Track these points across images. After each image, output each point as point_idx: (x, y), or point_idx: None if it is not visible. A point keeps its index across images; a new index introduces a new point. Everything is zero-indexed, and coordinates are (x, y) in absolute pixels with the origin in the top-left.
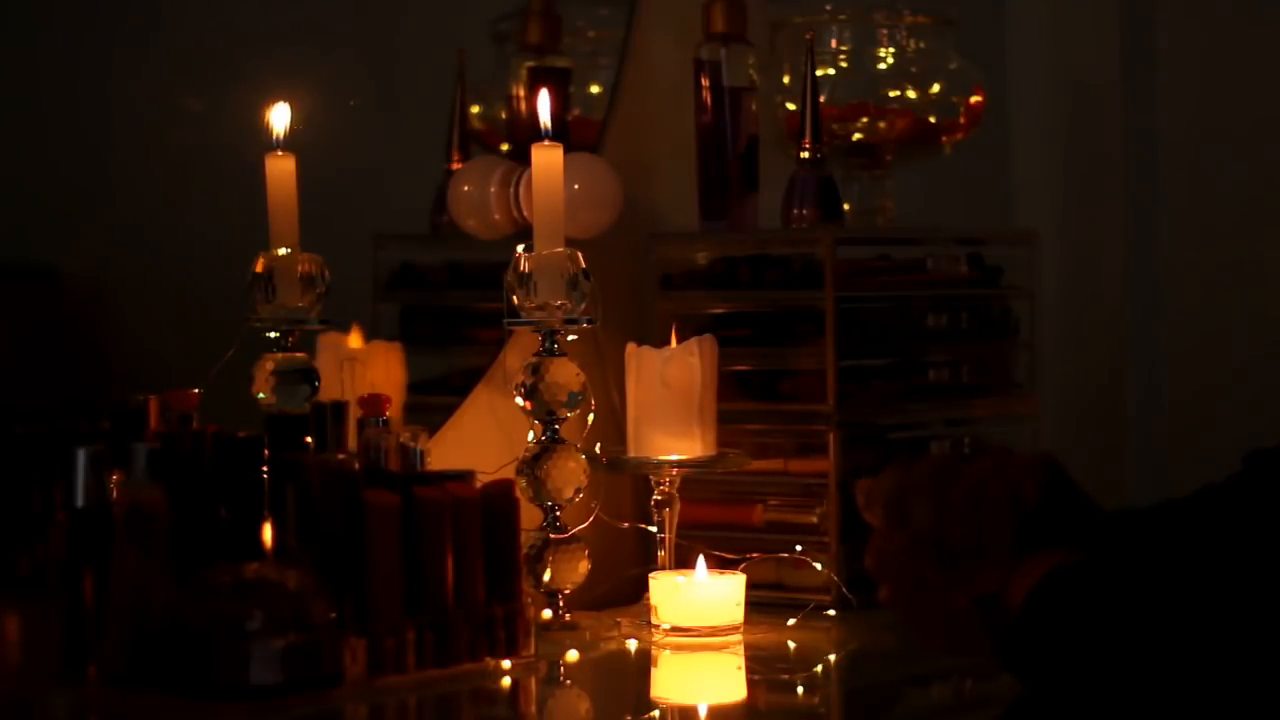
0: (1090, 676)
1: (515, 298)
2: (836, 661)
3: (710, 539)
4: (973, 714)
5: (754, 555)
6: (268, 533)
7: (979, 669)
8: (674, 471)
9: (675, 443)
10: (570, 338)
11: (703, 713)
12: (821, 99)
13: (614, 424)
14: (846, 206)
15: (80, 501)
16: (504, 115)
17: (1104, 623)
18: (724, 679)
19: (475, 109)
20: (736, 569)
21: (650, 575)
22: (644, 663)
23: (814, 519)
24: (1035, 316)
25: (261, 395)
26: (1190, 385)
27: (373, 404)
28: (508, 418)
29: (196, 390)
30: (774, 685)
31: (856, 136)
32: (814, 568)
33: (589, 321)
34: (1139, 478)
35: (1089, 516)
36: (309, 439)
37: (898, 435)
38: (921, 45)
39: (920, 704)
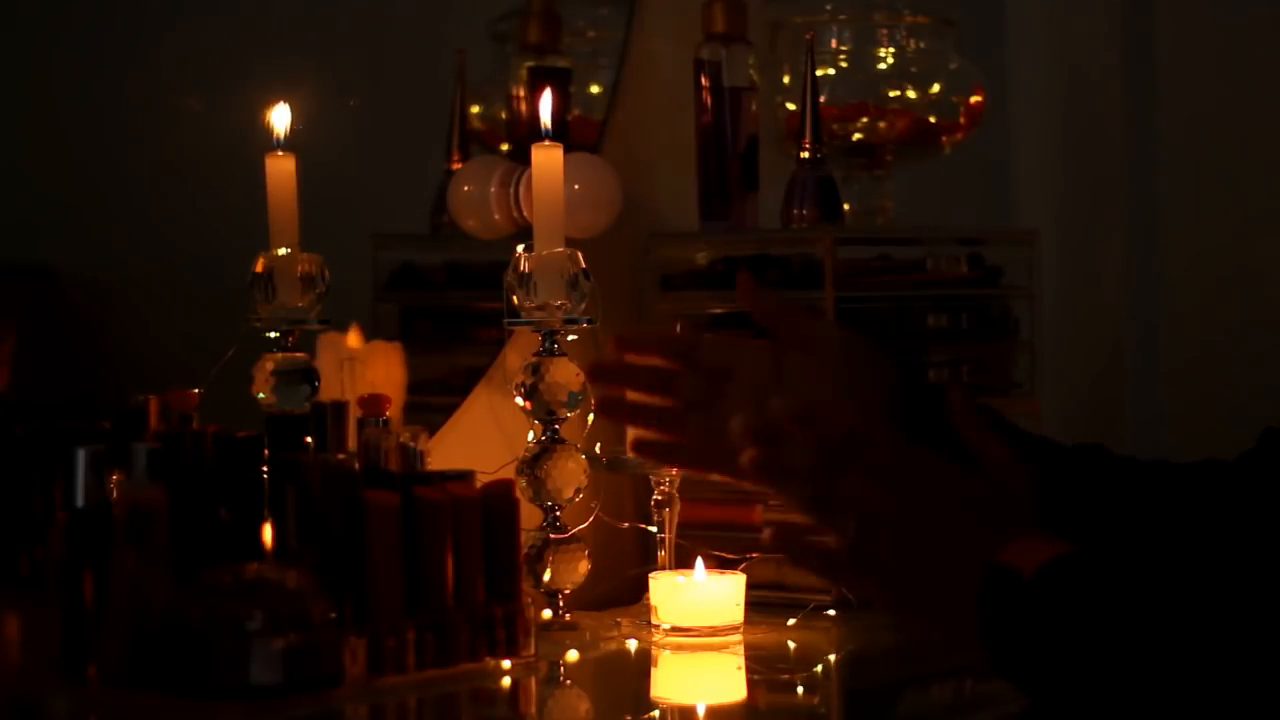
0: (1100, 674)
1: (515, 298)
2: (836, 661)
3: (710, 539)
4: (973, 714)
5: (754, 555)
6: (268, 533)
7: (979, 669)
8: (674, 471)
9: None
10: (570, 338)
11: (702, 713)
12: (821, 99)
13: (614, 424)
14: (846, 206)
15: (80, 501)
16: (504, 115)
17: (1116, 617)
18: (724, 679)
19: (475, 109)
20: (736, 569)
21: (650, 575)
22: (644, 663)
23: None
24: (1035, 316)
25: (261, 395)
26: (1190, 385)
27: (373, 404)
28: (508, 418)
29: (196, 390)
30: (774, 685)
31: (856, 136)
32: None
33: (589, 321)
34: None
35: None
36: (309, 439)
37: None
38: (921, 45)
39: (920, 704)
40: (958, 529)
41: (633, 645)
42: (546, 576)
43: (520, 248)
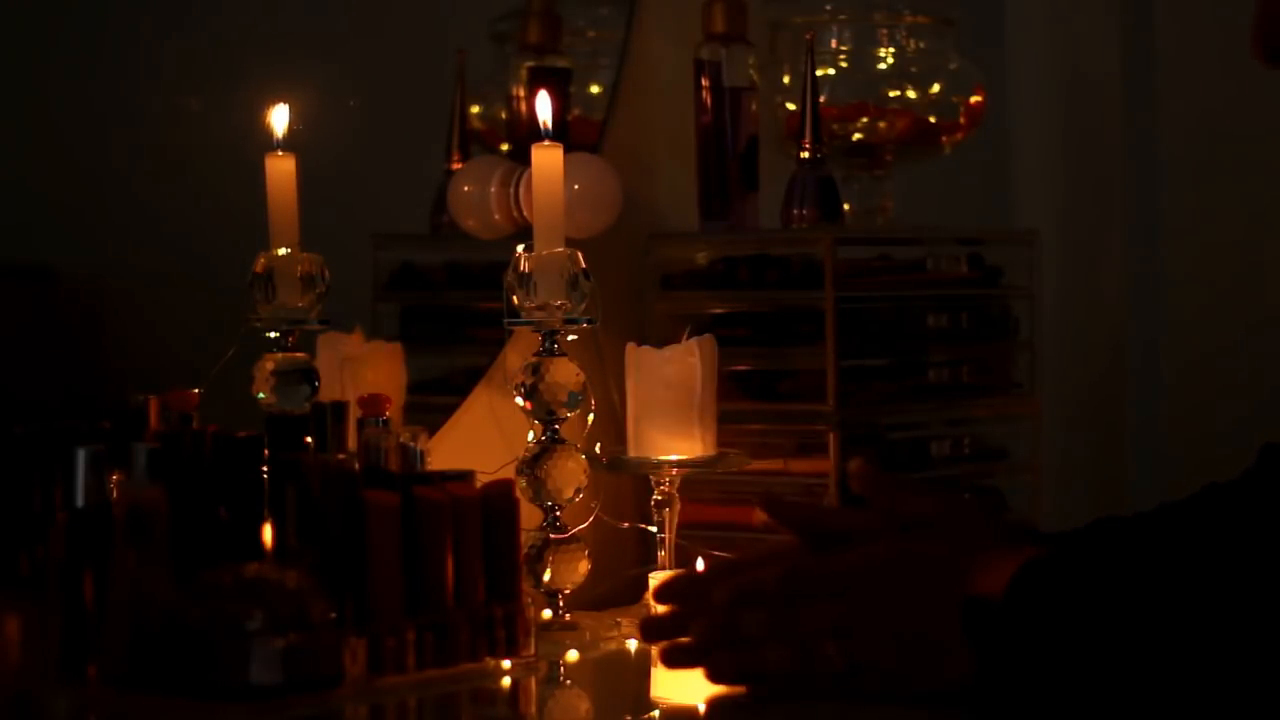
0: (1081, 671)
1: (515, 298)
2: None
3: (710, 539)
4: (972, 714)
5: None
6: (268, 533)
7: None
8: (674, 471)
9: (675, 443)
10: (570, 338)
11: (703, 713)
12: (821, 99)
13: (614, 424)
14: (846, 206)
15: (80, 501)
16: (504, 115)
17: (1098, 615)
18: None
19: (475, 109)
20: None
21: (650, 575)
22: (644, 663)
23: None
24: (1035, 316)
25: (261, 395)
26: (1190, 385)
27: (373, 404)
28: (508, 418)
29: (196, 390)
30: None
31: (856, 136)
32: None
33: (589, 321)
34: (1139, 477)
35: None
36: (309, 439)
37: (898, 435)
38: (921, 45)
39: (920, 703)
40: (925, 590)
41: (633, 645)
42: (546, 576)
43: (520, 248)
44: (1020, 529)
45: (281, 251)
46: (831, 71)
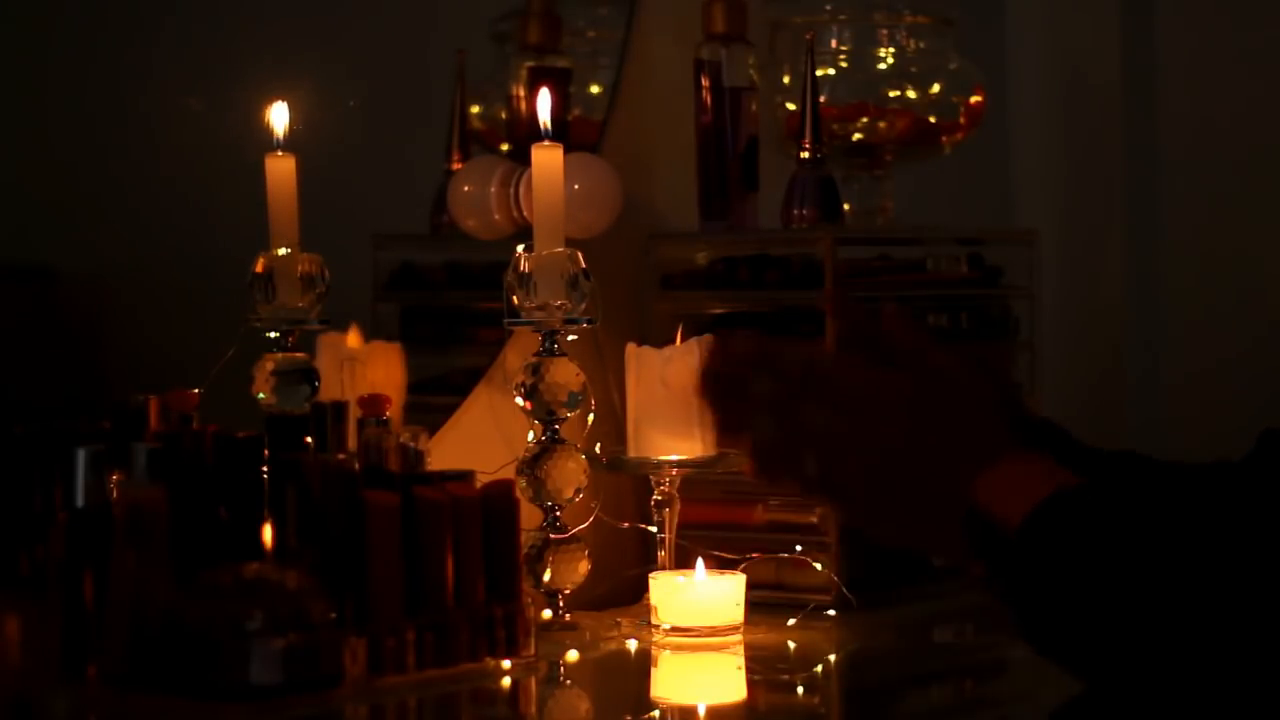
0: (1092, 612)
1: (515, 298)
2: (836, 661)
3: (710, 539)
4: (973, 714)
5: (754, 555)
6: (268, 533)
7: (979, 669)
8: (674, 471)
9: (675, 443)
10: (570, 338)
11: (702, 713)
12: (821, 99)
13: (614, 424)
14: (846, 206)
15: (80, 501)
16: (504, 115)
17: (1112, 561)
18: (724, 679)
19: (475, 109)
20: (736, 569)
21: (650, 575)
22: (644, 663)
23: (814, 519)
24: (1035, 316)
25: (261, 395)
26: (1190, 384)
27: (373, 404)
28: (508, 418)
29: (196, 390)
30: (774, 685)
31: (856, 136)
32: (814, 568)
33: (589, 321)
34: None
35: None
36: (309, 439)
37: None
38: (921, 45)
39: (920, 704)
40: (929, 453)
41: (633, 645)
42: (546, 576)
43: (520, 248)
44: (1037, 427)
45: (281, 251)
46: (831, 71)
